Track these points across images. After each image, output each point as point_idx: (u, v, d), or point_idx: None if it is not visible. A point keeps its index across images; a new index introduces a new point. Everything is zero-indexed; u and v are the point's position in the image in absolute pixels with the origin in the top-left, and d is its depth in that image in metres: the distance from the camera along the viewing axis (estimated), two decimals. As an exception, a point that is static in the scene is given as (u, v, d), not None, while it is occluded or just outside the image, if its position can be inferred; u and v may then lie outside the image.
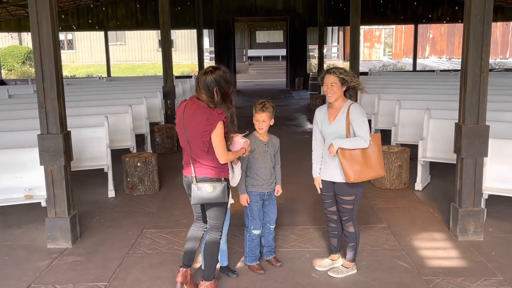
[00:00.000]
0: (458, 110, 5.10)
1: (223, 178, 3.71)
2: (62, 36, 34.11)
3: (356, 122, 3.95)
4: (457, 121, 5.13)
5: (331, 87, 4.01)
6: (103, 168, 6.71)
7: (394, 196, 6.46)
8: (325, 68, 17.29)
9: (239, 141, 3.89)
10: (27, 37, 32.90)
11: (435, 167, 7.18)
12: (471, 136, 4.90)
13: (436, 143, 6.77)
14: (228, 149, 3.76)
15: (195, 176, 3.68)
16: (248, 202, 4.30)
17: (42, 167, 4.99)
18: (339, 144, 3.96)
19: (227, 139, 3.74)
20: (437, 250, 4.84)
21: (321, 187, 4.23)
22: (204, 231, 3.98)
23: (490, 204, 5.57)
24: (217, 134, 3.57)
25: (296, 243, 5.04)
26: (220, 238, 3.92)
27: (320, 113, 4.22)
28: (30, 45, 32.83)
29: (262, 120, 4.23)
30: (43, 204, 5.14)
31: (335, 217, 4.31)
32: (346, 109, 4.01)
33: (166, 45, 10.76)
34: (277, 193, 4.46)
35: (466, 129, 4.90)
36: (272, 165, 4.36)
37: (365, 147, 3.95)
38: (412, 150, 7.12)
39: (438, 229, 5.36)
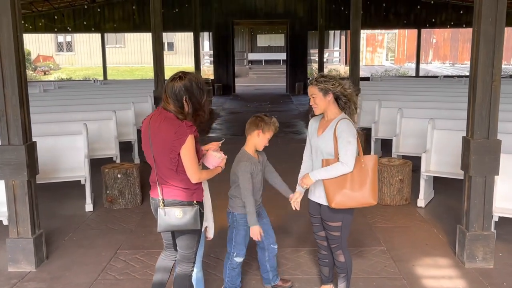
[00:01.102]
0: (466, 122, 4.60)
1: (195, 202, 3.19)
2: (61, 38, 33.76)
3: (341, 142, 3.44)
4: (464, 132, 4.65)
5: (313, 99, 3.55)
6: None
7: (395, 214, 5.94)
8: (325, 73, 16.66)
9: (216, 156, 3.39)
10: (25, 38, 32.46)
11: (439, 181, 6.66)
12: (480, 152, 4.39)
13: (440, 156, 6.26)
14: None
15: (163, 199, 3.18)
16: (261, 235, 3.75)
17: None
18: (316, 176, 3.51)
19: (200, 155, 3.24)
20: (441, 279, 4.32)
21: (297, 207, 3.78)
22: (175, 260, 3.48)
23: (499, 225, 5.04)
24: (187, 150, 3.07)
25: (284, 269, 4.53)
26: (192, 271, 3.41)
27: (313, 123, 3.75)
28: (29, 47, 32.57)
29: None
30: (5, 222, 4.65)
31: (326, 243, 3.80)
32: (335, 125, 3.51)
33: (157, 48, 10.29)
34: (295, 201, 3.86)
35: (474, 144, 4.39)
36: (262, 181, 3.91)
37: (347, 172, 3.45)
38: (414, 161, 6.62)
39: (442, 253, 4.84)
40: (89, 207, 6.21)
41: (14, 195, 4.48)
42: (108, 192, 6.26)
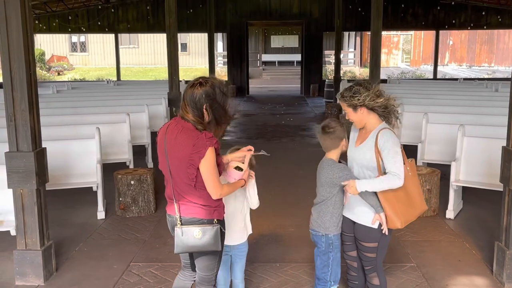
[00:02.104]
0: (496, 129, 4.27)
1: (215, 220, 2.91)
2: (75, 38, 33.78)
3: (387, 154, 3.13)
4: (496, 140, 4.32)
5: (347, 115, 3.29)
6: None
7: (423, 226, 5.59)
8: (341, 75, 16.24)
9: (236, 173, 3.11)
10: (40, 38, 32.60)
11: (467, 190, 6.30)
12: (523, 164, 4.06)
13: (471, 165, 5.90)
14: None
15: (180, 216, 2.89)
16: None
17: (13, 189, 4.25)
18: (363, 187, 3.14)
19: (221, 168, 2.95)
20: (480, 301, 4.01)
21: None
22: (193, 281, 3.19)
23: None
24: (207, 164, 2.79)
25: (308, 287, 4.23)
26: (213, 294, 3.13)
27: (352, 133, 3.45)
28: (43, 47, 32.62)
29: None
30: (13, 232, 4.41)
31: (356, 264, 3.49)
32: (375, 135, 3.20)
33: (172, 48, 10.02)
34: None
35: (516, 155, 4.06)
36: None
37: (399, 186, 3.13)
38: (440, 168, 6.29)
39: (478, 271, 4.51)
40: (101, 214, 5.96)
41: (23, 205, 4.24)
42: (120, 199, 6.01)
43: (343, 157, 3.49)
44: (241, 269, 3.64)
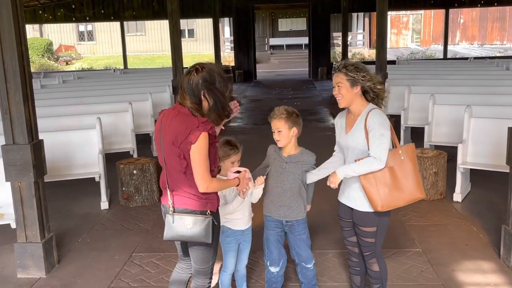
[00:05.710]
0: (508, 109, 4.13)
1: (208, 211, 2.83)
2: (82, 27, 33.73)
3: (373, 135, 3.02)
4: (504, 120, 4.18)
5: (338, 88, 3.13)
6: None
7: (429, 210, 5.50)
8: (349, 57, 16.03)
9: (232, 174, 3.04)
10: (47, 28, 32.61)
11: (475, 172, 6.17)
12: (530, 145, 3.93)
13: (478, 146, 5.77)
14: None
15: (173, 207, 2.83)
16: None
17: (12, 182, 4.23)
18: (343, 173, 3.10)
19: (216, 157, 2.87)
20: (486, 286, 3.91)
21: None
22: (190, 274, 3.14)
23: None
24: (197, 150, 2.67)
25: (310, 274, 4.16)
26: (210, 285, 3.07)
27: (338, 120, 3.36)
28: (51, 37, 32.60)
29: (277, 129, 3.41)
30: (13, 225, 4.39)
31: (357, 250, 3.42)
32: (365, 117, 3.10)
33: (175, 35, 9.92)
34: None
35: (523, 136, 3.94)
36: (291, 189, 3.45)
37: (379, 169, 3.03)
38: (448, 151, 6.16)
39: (485, 255, 4.41)
40: (104, 205, 5.94)
41: (21, 198, 4.21)
42: (124, 189, 5.98)
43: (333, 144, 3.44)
44: (247, 254, 3.66)
